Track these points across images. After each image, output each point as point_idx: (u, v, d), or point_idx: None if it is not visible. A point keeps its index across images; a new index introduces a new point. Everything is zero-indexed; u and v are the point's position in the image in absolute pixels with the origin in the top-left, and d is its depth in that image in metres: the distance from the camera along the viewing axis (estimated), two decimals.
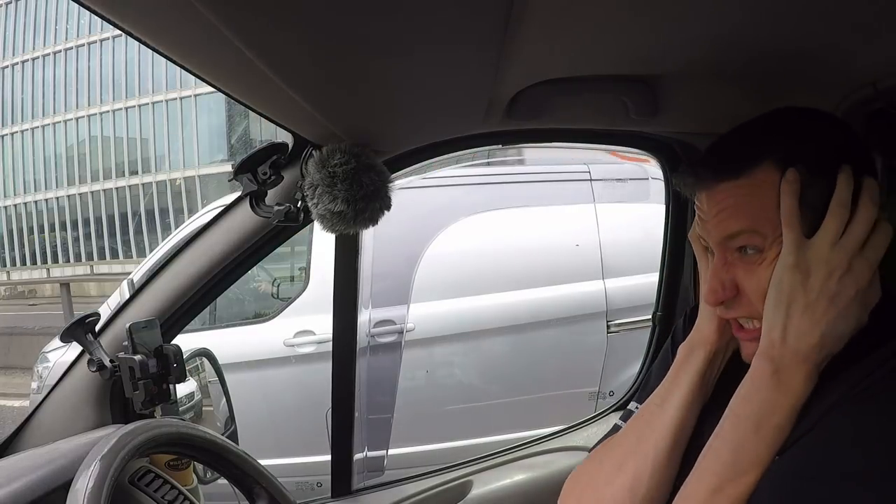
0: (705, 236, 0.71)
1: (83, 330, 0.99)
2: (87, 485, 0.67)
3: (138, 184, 22.55)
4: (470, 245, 2.70)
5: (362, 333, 1.20)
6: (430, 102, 0.86)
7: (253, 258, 1.05)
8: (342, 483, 1.21)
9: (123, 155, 22.75)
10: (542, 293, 2.68)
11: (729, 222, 0.68)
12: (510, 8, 0.54)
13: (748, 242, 0.67)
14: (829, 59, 0.74)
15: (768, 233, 0.66)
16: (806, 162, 0.65)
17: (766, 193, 0.66)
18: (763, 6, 0.59)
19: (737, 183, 0.67)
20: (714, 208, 0.69)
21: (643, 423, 0.76)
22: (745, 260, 0.68)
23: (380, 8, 0.51)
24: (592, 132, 1.16)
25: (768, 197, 0.66)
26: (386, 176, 0.89)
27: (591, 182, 2.76)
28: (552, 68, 0.78)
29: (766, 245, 0.66)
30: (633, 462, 0.73)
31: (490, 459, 1.22)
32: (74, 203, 23.49)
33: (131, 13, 0.51)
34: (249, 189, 0.92)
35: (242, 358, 2.57)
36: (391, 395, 2.43)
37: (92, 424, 1.00)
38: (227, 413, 1.24)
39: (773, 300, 0.64)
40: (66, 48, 22.74)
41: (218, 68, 0.65)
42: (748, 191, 0.67)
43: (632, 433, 0.77)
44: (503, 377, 2.73)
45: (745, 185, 0.67)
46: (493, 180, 2.77)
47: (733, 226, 0.67)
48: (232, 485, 0.92)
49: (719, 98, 0.90)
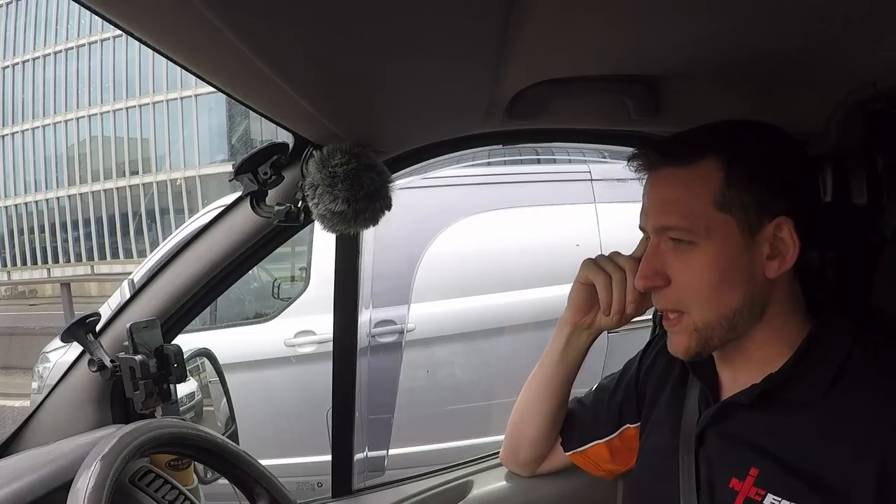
0: (645, 225, 0.74)
1: (84, 330, 0.99)
2: (88, 485, 0.67)
3: (139, 184, 22.55)
4: (471, 245, 2.70)
5: (363, 333, 1.20)
6: (430, 102, 0.86)
7: (253, 258, 1.05)
8: (342, 483, 1.21)
9: (124, 155, 22.75)
10: (542, 293, 2.67)
11: (666, 214, 0.70)
12: (510, 8, 0.54)
13: (681, 236, 0.69)
14: (829, 59, 0.74)
15: (700, 228, 0.68)
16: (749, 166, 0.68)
17: (704, 188, 0.68)
18: (763, 6, 0.59)
19: (680, 170, 0.70)
20: (655, 197, 0.72)
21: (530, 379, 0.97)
22: (679, 249, 0.70)
23: (380, 8, 0.51)
24: (593, 132, 1.16)
25: (701, 197, 0.68)
26: (386, 176, 0.89)
27: (592, 182, 2.76)
28: (553, 68, 0.78)
29: (698, 239, 0.68)
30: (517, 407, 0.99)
31: (491, 459, 1.21)
32: (75, 203, 23.49)
33: (132, 13, 0.51)
34: (250, 189, 0.92)
35: (243, 358, 2.57)
36: (392, 395, 2.42)
37: (92, 424, 1.00)
38: (227, 413, 1.24)
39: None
40: (66, 48, 22.74)
41: (218, 68, 0.65)
42: (688, 182, 0.69)
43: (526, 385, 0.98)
44: (504, 377, 2.71)
45: (686, 174, 0.69)
46: (493, 180, 2.77)
47: (670, 219, 0.70)
48: (232, 485, 0.92)
49: (720, 98, 0.90)
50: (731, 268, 0.68)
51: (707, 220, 0.68)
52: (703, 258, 0.68)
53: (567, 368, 0.93)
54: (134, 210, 22.60)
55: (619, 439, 0.93)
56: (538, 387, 0.96)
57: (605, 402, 0.94)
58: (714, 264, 0.68)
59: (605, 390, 0.96)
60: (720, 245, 0.68)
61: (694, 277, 0.69)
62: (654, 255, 0.71)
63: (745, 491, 0.67)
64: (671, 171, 0.70)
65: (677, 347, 0.73)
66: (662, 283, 0.70)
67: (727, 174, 0.68)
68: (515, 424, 1.00)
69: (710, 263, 0.68)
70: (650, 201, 0.73)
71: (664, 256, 0.70)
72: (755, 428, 0.70)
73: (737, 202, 0.67)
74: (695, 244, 0.68)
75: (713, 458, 0.73)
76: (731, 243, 0.68)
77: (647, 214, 0.74)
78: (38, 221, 24.23)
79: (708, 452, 0.74)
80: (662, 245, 0.71)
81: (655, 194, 0.72)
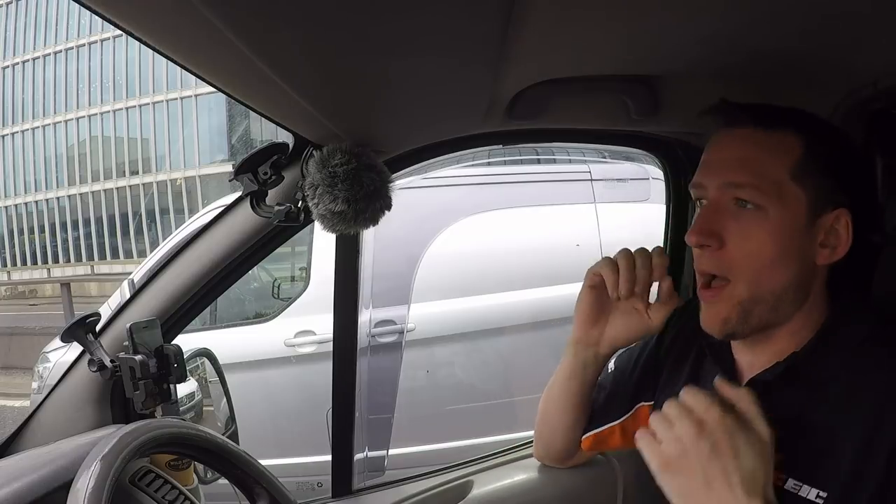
0: (705, 181, 0.70)
1: (84, 330, 0.99)
2: (88, 485, 0.67)
3: (139, 184, 22.54)
4: (471, 245, 2.70)
5: (363, 333, 1.20)
6: (430, 102, 0.86)
7: (253, 258, 1.05)
8: (342, 483, 1.21)
9: (124, 155, 22.74)
10: (542, 293, 2.67)
11: (741, 171, 0.66)
12: (511, 8, 0.54)
13: (749, 197, 0.66)
14: (829, 59, 0.74)
15: (773, 193, 0.65)
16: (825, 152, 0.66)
17: (784, 155, 0.66)
18: (763, 6, 0.59)
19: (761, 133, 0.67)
20: (729, 153, 0.68)
21: (545, 392, 0.98)
22: (741, 214, 0.67)
23: (380, 8, 0.51)
24: (593, 132, 1.16)
25: (780, 164, 0.66)
26: (386, 176, 0.90)
27: (592, 182, 2.76)
28: (553, 68, 0.78)
29: (768, 205, 0.65)
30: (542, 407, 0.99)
31: (491, 459, 1.22)
32: (74, 203, 23.48)
33: (132, 13, 0.51)
34: (250, 189, 0.92)
35: (243, 358, 2.57)
36: (392, 395, 2.42)
37: (92, 424, 1.00)
38: (227, 413, 1.24)
39: None
40: (67, 48, 22.73)
41: (218, 68, 0.65)
42: (768, 146, 0.66)
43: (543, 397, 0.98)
44: (504, 377, 2.72)
45: (768, 138, 0.67)
46: (493, 180, 2.77)
47: (743, 176, 0.66)
48: (232, 485, 0.92)
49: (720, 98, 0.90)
50: (791, 243, 0.66)
51: (780, 186, 0.65)
52: (766, 226, 0.65)
53: (581, 386, 0.92)
54: (134, 210, 22.59)
55: (633, 419, 0.91)
56: (557, 398, 0.95)
57: (621, 383, 0.93)
58: (776, 234, 0.65)
59: (623, 371, 0.94)
60: (787, 216, 0.65)
61: (751, 245, 0.66)
62: (713, 212, 0.67)
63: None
64: (751, 131, 0.67)
65: (714, 320, 0.69)
66: (716, 244, 0.67)
67: (805, 152, 0.66)
68: (541, 424, 1.01)
69: (773, 233, 0.65)
70: (721, 157, 0.69)
71: (723, 217, 0.67)
72: (777, 409, 0.66)
73: (810, 181, 0.66)
74: (761, 209, 0.65)
75: None
76: (796, 217, 0.66)
77: (713, 170, 0.69)
78: (38, 221, 24.21)
79: None
80: (723, 205, 0.67)
81: (729, 151, 0.68)
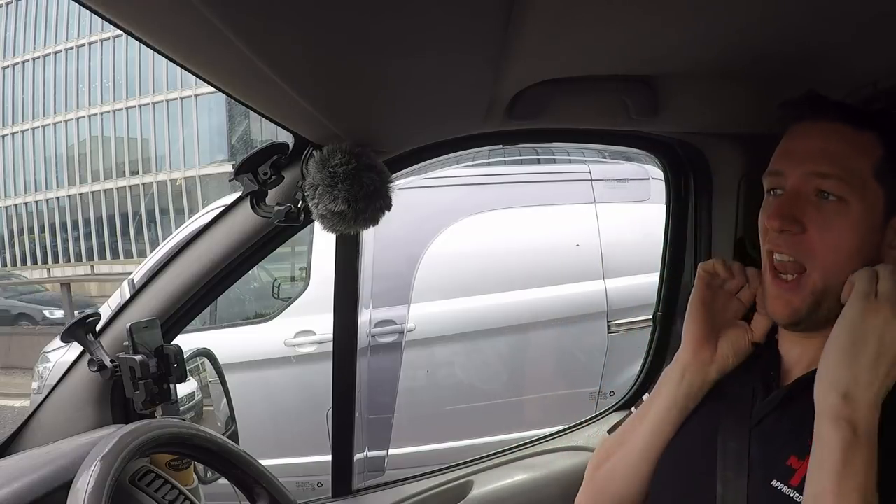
0: (786, 169, 0.69)
1: (84, 330, 0.99)
2: (88, 485, 0.67)
3: (139, 184, 22.57)
4: (471, 245, 2.70)
5: (363, 333, 1.20)
6: (430, 102, 0.86)
7: (254, 258, 1.05)
8: (343, 483, 1.21)
9: (124, 155, 22.77)
10: (542, 293, 2.67)
11: (827, 162, 0.66)
12: (511, 8, 0.54)
13: (834, 189, 0.66)
14: (829, 58, 0.74)
15: (857, 186, 0.65)
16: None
17: (863, 155, 0.66)
18: (764, 7, 0.59)
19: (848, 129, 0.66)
20: (815, 144, 0.67)
21: (628, 429, 0.82)
22: (822, 205, 0.66)
23: (380, 8, 0.51)
24: (593, 132, 1.16)
25: (865, 160, 0.66)
26: (386, 176, 0.90)
27: (592, 182, 2.76)
28: (553, 68, 0.78)
29: (851, 198, 0.65)
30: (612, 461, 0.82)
31: (491, 459, 1.22)
32: (74, 203, 23.50)
33: (132, 13, 0.51)
34: (250, 189, 0.92)
35: (243, 358, 2.57)
36: (392, 395, 2.42)
37: (92, 424, 1.00)
38: (227, 413, 1.24)
39: (842, 344, 0.61)
40: (67, 48, 22.76)
41: (218, 68, 0.65)
42: (854, 142, 0.66)
43: (620, 435, 0.83)
44: (504, 377, 2.73)
45: (854, 134, 0.66)
46: (493, 180, 2.77)
47: (829, 167, 0.66)
48: (232, 485, 0.92)
49: (720, 98, 0.90)
50: (869, 238, 0.66)
51: (865, 181, 0.65)
52: (848, 218, 0.65)
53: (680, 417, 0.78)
54: (134, 210, 22.60)
55: None
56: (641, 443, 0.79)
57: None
58: (857, 228, 0.65)
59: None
60: (868, 211, 0.66)
61: (832, 236, 0.66)
62: (795, 199, 0.67)
63: (803, 470, 0.63)
64: (838, 126, 0.67)
65: (784, 308, 0.69)
66: (798, 229, 0.66)
67: (886, 153, 0.66)
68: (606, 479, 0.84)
69: (853, 226, 0.65)
70: (805, 147, 0.68)
71: (804, 205, 0.67)
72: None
73: (889, 181, 0.66)
74: (843, 202, 0.65)
75: (771, 435, 0.70)
76: (876, 214, 0.66)
77: (796, 159, 0.68)
78: (38, 221, 24.23)
79: (765, 429, 0.70)
80: (804, 194, 0.67)
81: (814, 142, 0.67)
